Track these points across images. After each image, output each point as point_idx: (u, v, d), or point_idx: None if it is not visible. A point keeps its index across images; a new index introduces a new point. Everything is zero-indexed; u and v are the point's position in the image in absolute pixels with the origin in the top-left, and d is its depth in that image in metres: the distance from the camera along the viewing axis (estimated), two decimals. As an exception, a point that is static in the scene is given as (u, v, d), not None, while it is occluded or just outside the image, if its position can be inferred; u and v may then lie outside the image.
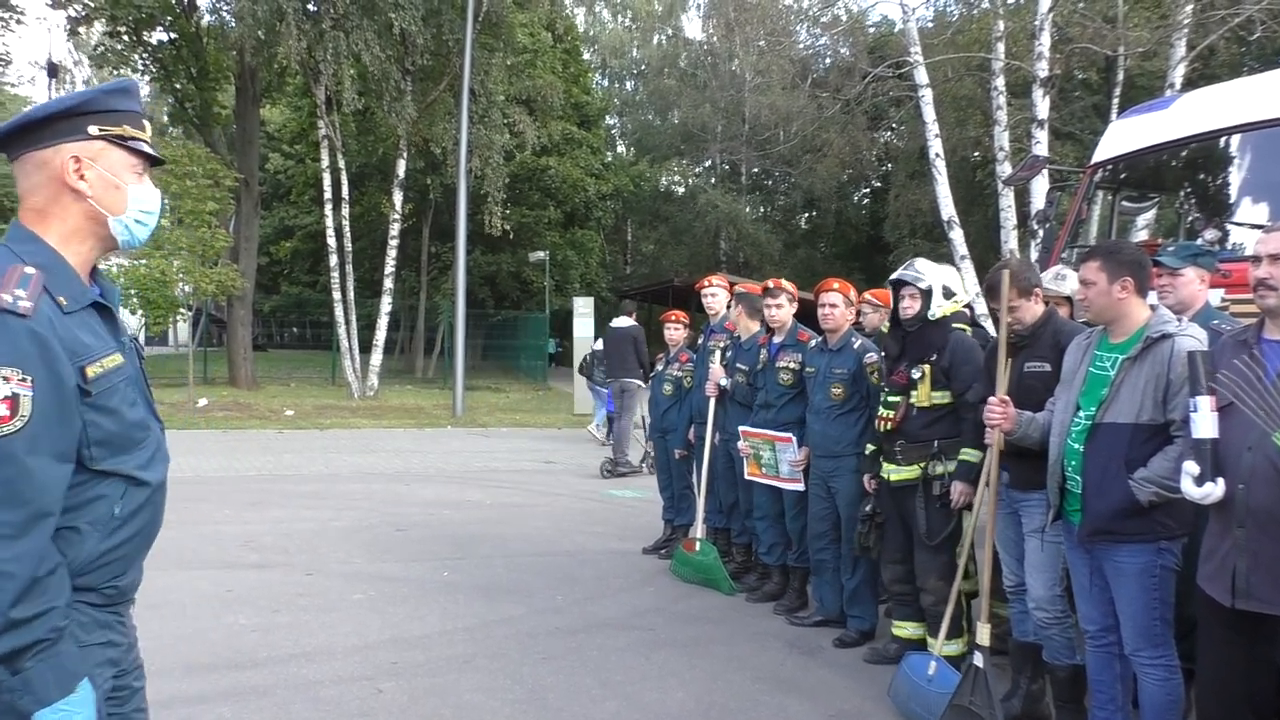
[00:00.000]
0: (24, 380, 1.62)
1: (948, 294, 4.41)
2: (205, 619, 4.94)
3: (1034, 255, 14.04)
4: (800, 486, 5.47)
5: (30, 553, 1.62)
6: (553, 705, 4.14)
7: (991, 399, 3.71)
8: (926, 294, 4.37)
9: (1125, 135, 5.53)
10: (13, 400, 1.61)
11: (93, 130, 1.83)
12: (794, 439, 5.43)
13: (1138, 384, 3.23)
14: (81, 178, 1.82)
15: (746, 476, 5.85)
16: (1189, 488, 2.77)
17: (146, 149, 1.91)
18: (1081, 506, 3.36)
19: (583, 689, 4.34)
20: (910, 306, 4.41)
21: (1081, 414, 3.40)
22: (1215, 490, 2.71)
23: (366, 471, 10.96)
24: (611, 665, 4.66)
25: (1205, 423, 2.76)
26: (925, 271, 4.41)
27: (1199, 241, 4.51)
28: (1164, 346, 3.21)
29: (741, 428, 5.83)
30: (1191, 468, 2.77)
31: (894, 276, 4.52)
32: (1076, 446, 3.39)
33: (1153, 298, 3.71)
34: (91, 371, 1.74)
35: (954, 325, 4.52)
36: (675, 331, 7.22)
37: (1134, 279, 3.33)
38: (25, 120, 1.81)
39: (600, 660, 4.73)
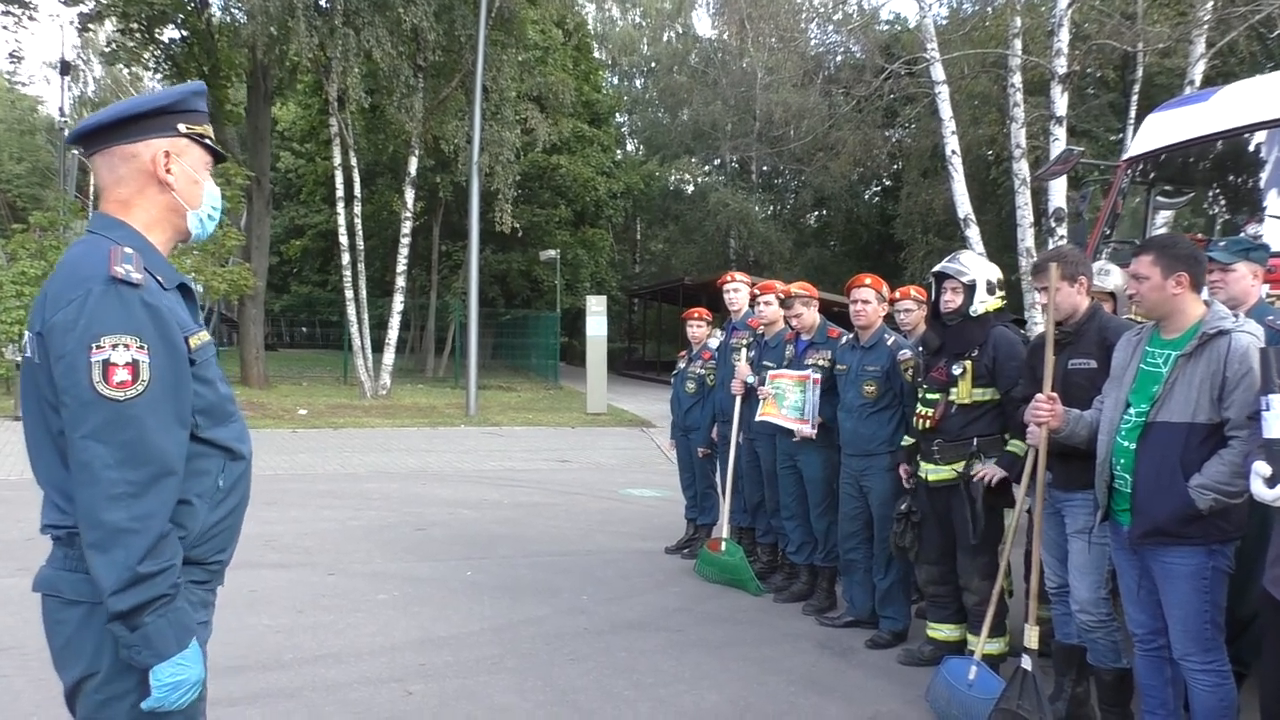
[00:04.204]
0: (142, 347, 1.74)
1: (991, 289, 4.31)
2: (228, 620, 4.82)
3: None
4: (810, 430, 5.36)
5: (156, 510, 1.73)
6: (585, 708, 4.06)
7: (1039, 396, 3.61)
8: (970, 288, 4.28)
9: (1162, 129, 5.42)
10: (134, 366, 1.72)
11: (181, 128, 1.94)
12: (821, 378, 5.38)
13: (1193, 382, 3.14)
14: (169, 171, 1.92)
15: (758, 418, 5.72)
16: (1260, 490, 2.68)
17: (217, 148, 2.03)
18: (1133, 508, 3.26)
19: (615, 691, 4.26)
20: (952, 300, 4.32)
21: (1132, 411, 3.31)
22: (1288, 492, 2.62)
23: (382, 471, 10.90)
24: (642, 667, 4.58)
25: (1277, 423, 2.66)
26: (969, 265, 4.32)
27: (1241, 236, 4.41)
28: (1220, 343, 3.11)
29: (771, 372, 5.72)
30: (1262, 469, 2.67)
31: (937, 269, 4.42)
32: (1127, 445, 3.30)
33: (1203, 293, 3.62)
34: (194, 342, 1.86)
35: (1000, 323, 4.41)
36: (698, 329, 7.12)
37: (1189, 274, 3.23)
38: (119, 115, 1.90)
39: (630, 662, 4.65)
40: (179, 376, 1.80)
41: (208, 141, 2.00)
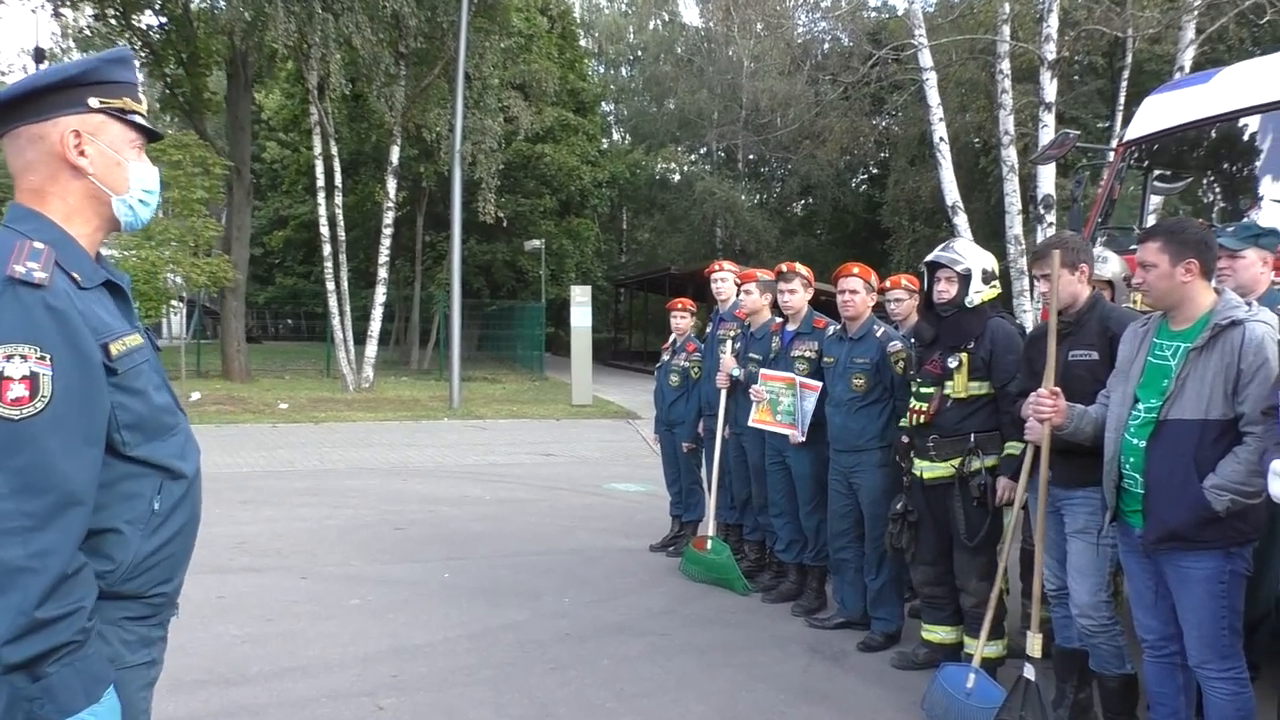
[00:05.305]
0: (42, 358, 1.50)
1: (987, 278, 4.12)
2: (193, 629, 4.64)
3: (1040, 240, 13.82)
4: (799, 436, 5.17)
5: (58, 546, 1.49)
6: (565, 721, 3.87)
7: (1040, 390, 3.42)
8: (965, 278, 4.08)
9: (1161, 111, 5.23)
10: (31, 380, 1.49)
11: (93, 103, 1.70)
12: (820, 386, 5.14)
13: (1205, 376, 2.95)
14: (82, 154, 1.69)
15: (751, 423, 5.52)
16: (1279, 490, 2.50)
17: (145, 123, 1.80)
18: (1145, 510, 3.08)
19: (596, 703, 4.06)
20: (946, 290, 4.12)
21: (1140, 407, 3.12)
22: (1310, 493, 2.44)
23: (362, 466, 10.68)
24: (625, 676, 4.39)
25: (1301, 418, 2.48)
26: (964, 253, 4.12)
27: (1250, 222, 4.23)
28: (1233, 334, 2.92)
29: (762, 371, 5.52)
30: (1281, 468, 2.49)
31: (930, 258, 4.22)
32: (1135, 442, 3.11)
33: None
34: (115, 349, 1.62)
35: (996, 314, 4.22)
36: (682, 320, 6.90)
37: (1199, 260, 3.04)
38: (21, 90, 1.67)
39: (613, 670, 4.45)
40: (90, 390, 1.56)
41: (131, 117, 1.75)
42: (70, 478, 1.52)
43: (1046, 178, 14.23)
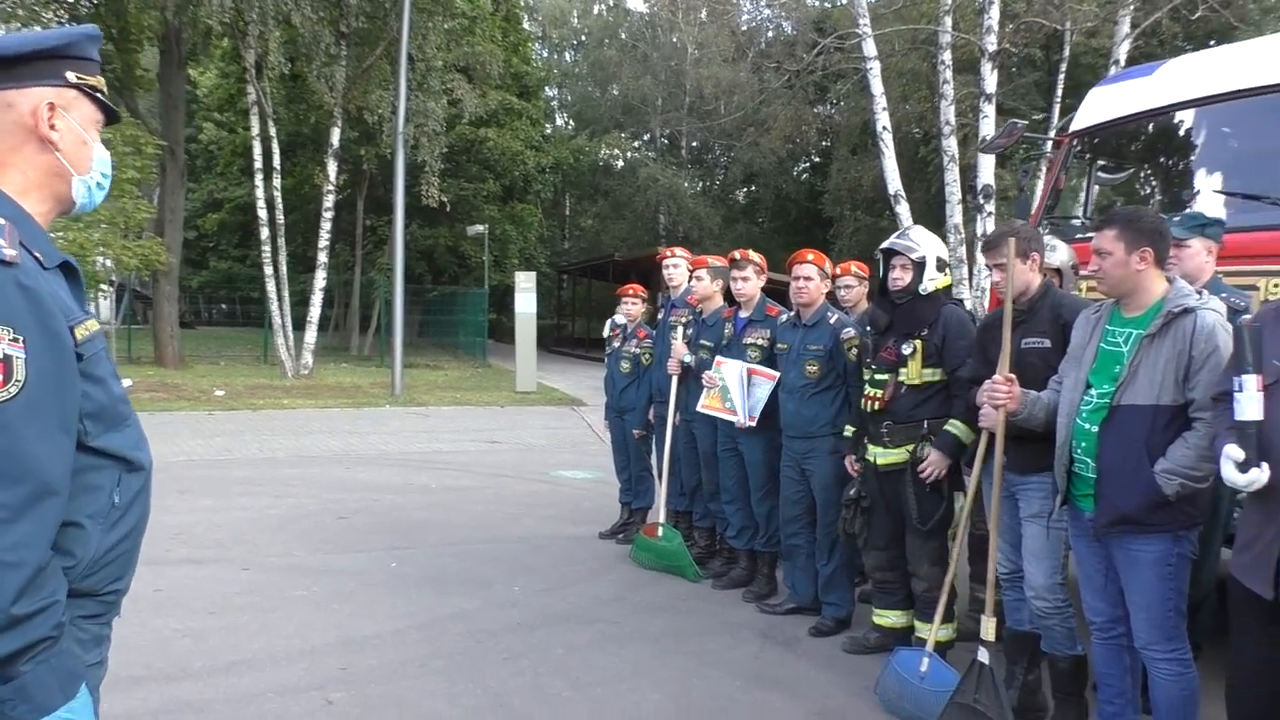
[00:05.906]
0: (15, 340, 1.41)
1: (940, 266, 4.15)
2: (130, 624, 4.46)
3: (980, 229, 14.03)
4: (742, 421, 5.17)
5: (34, 538, 1.41)
6: (520, 712, 3.82)
7: (995, 377, 3.45)
8: (919, 265, 4.10)
9: (1107, 103, 5.31)
10: (5, 363, 1.40)
11: (70, 77, 1.64)
12: (776, 376, 5.12)
13: (1157, 363, 3.00)
14: (53, 127, 1.62)
15: (700, 408, 5.51)
16: (1231, 474, 2.54)
17: (110, 105, 1.74)
18: (1097, 494, 3.12)
19: (550, 692, 4.02)
20: (900, 278, 4.14)
21: (1093, 392, 3.17)
22: (1261, 476, 2.48)
23: (303, 455, 10.46)
24: (578, 664, 4.35)
25: (1250, 404, 2.52)
26: (919, 241, 4.14)
27: (1196, 211, 4.31)
28: (1185, 321, 2.98)
29: (719, 357, 5.49)
30: (1234, 452, 2.53)
31: (885, 245, 4.23)
32: (1087, 427, 3.15)
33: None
34: (80, 333, 1.54)
35: (949, 301, 4.26)
36: (633, 306, 6.87)
37: (1154, 249, 3.09)
38: None
39: (565, 659, 4.41)
40: (63, 375, 1.48)
41: (100, 96, 1.69)
42: (46, 467, 1.44)
43: (986, 168, 14.43)
